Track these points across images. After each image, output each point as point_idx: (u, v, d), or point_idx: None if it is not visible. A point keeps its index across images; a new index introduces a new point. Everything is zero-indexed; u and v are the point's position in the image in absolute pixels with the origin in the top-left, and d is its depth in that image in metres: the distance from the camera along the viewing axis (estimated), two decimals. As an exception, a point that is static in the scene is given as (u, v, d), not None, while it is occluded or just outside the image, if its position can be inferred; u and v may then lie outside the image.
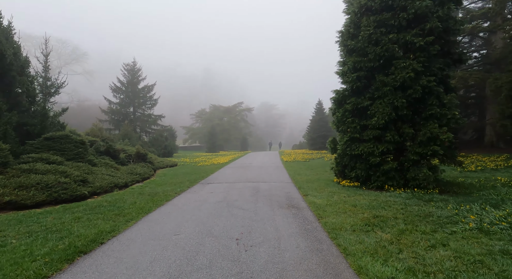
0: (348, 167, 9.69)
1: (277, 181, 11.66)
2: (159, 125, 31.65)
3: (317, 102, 32.34)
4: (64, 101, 60.36)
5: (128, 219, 5.98)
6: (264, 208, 7.02)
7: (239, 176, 13.13)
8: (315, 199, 7.88)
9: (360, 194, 8.40)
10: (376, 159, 8.64)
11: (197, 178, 12.54)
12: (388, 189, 8.66)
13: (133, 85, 30.39)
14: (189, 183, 11.26)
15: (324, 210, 6.70)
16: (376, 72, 9.07)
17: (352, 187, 9.39)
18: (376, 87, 8.83)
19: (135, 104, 30.54)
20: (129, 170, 12.54)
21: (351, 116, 9.32)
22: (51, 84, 17.34)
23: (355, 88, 9.24)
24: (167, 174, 14.31)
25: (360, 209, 6.72)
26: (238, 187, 10.12)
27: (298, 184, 10.51)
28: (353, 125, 9.18)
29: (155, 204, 7.45)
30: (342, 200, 7.64)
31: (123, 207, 7.04)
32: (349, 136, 9.18)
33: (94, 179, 9.36)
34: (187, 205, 7.41)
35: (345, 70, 9.48)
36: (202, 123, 58.38)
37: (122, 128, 25.41)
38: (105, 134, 23.69)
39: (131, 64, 30.83)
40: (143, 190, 9.78)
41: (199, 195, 8.86)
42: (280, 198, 8.26)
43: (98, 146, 15.03)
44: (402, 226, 5.36)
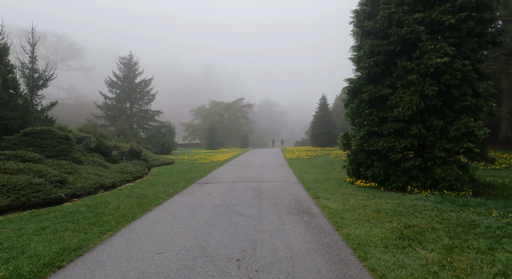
0: (364, 165, 8.56)
1: (281, 180, 10.54)
2: (157, 121, 30.52)
3: (321, 98, 31.14)
4: (61, 97, 59.34)
5: (104, 230, 4.87)
6: (270, 214, 5.91)
7: (240, 175, 12.02)
8: (328, 203, 6.77)
9: (379, 196, 7.27)
10: (397, 155, 7.52)
11: (194, 177, 11.43)
12: (411, 191, 7.53)
13: (130, 80, 29.20)
14: (184, 183, 10.15)
15: (343, 217, 5.58)
16: (397, 57, 7.91)
17: (369, 187, 8.27)
18: (399, 75, 7.68)
19: (132, 100, 29.38)
20: (120, 169, 11.44)
21: (368, 107, 8.18)
22: (38, 76, 16.20)
23: (372, 75, 8.09)
24: (162, 173, 13.21)
25: (385, 215, 5.61)
26: (239, 188, 9.02)
27: (306, 184, 9.39)
28: (370, 117, 8.04)
29: (141, 209, 6.34)
30: (361, 204, 6.52)
31: (103, 213, 5.93)
32: (366, 130, 8.04)
33: (76, 179, 8.26)
34: (179, 210, 6.30)
35: (360, 55, 8.32)
36: (202, 120, 57.19)
37: (118, 124, 24.29)
38: (99, 131, 22.56)
39: (127, 58, 29.60)
40: (132, 191, 8.67)
41: (195, 197, 7.75)
42: (287, 201, 7.15)
43: (88, 142, 13.92)
44: (446, 240, 4.24)
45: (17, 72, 13.27)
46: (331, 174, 12.02)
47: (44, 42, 56.00)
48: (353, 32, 9.32)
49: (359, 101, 8.31)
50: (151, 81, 30.17)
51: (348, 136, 9.27)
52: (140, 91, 29.78)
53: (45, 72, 16.34)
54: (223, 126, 54.38)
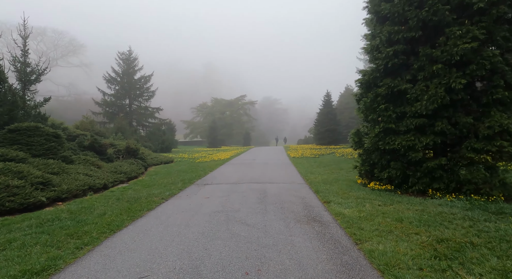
0: (378, 165, 7.78)
1: (287, 181, 9.78)
2: (157, 118, 29.77)
3: (325, 95, 30.26)
4: (61, 94, 58.81)
5: (82, 244, 4.12)
6: (276, 223, 5.15)
7: (241, 175, 11.26)
8: (341, 209, 6.01)
9: (398, 201, 6.50)
10: (417, 154, 6.73)
11: (193, 178, 10.68)
12: (433, 194, 6.74)
13: (129, 76, 28.45)
14: (182, 184, 9.40)
15: (360, 228, 4.82)
16: (418, 45, 7.11)
17: (384, 190, 7.49)
18: (420, 66, 6.87)
19: (131, 96, 28.64)
20: (114, 168, 10.71)
21: (384, 102, 7.38)
22: (31, 70, 15.45)
23: (389, 67, 7.28)
24: (159, 172, 12.47)
25: (409, 225, 4.84)
26: (241, 190, 8.27)
27: (313, 186, 8.63)
28: (387, 113, 7.24)
29: (130, 216, 5.60)
30: (378, 211, 5.75)
31: (85, 221, 5.19)
32: (382, 127, 7.25)
33: (62, 181, 7.53)
34: (173, 218, 5.56)
35: (375, 44, 7.52)
36: (203, 117, 56.41)
37: (116, 121, 23.59)
38: (97, 128, 21.89)
39: (127, 53, 28.82)
40: (124, 193, 7.94)
41: (192, 201, 7.00)
42: (294, 206, 6.39)
43: (81, 140, 13.21)
44: (493, 261, 3.47)
45: (5, 64, 12.52)
46: (340, 174, 11.24)
47: (44, 39, 55.48)
48: (365, 21, 8.52)
49: (374, 95, 7.51)
50: (151, 77, 29.43)
51: (360, 134, 8.48)
52: (140, 87, 29.03)
53: (38, 66, 15.57)
54: (225, 124, 53.60)
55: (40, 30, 54.56)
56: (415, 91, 6.89)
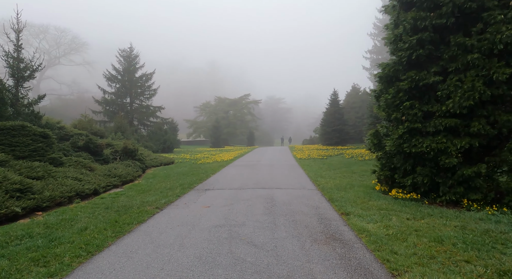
0: (400, 170, 6.87)
1: (296, 186, 8.89)
2: (158, 117, 28.99)
3: (332, 93, 29.23)
4: (64, 93, 58.33)
5: (46, 274, 3.28)
6: (289, 243, 4.28)
7: (246, 179, 10.39)
8: (364, 223, 5.11)
9: (429, 213, 5.58)
10: (451, 159, 5.81)
11: (193, 181, 9.83)
12: (470, 205, 5.81)
13: (130, 74, 27.68)
14: (181, 189, 8.56)
15: (393, 251, 3.93)
16: (448, 33, 6.17)
17: (409, 200, 6.56)
18: (452, 56, 5.95)
19: (132, 95, 27.88)
20: (108, 171, 9.89)
21: (408, 98, 6.46)
22: (24, 66, 14.67)
23: (414, 58, 6.36)
24: (158, 175, 11.64)
25: (453, 248, 3.94)
26: (245, 197, 7.39)
27: (326, 193, 7.73)
28: (412, 111, 6.32)
29: (116, 232, 4.75)
30: (409, 227, 4.85)
31: (60, 240, 4.35)
32: (407, 127, 6.33)
33: (45, 186, 6.71)
34: (166, 234, 4.70)
35: (398, 33, 6.59)
36: (206, 116, 55.59)
37: (115, 120, 22.83)
38: (95, 127, 21.12)
39: (128, 51, 28.04)
40: (115, 201, 7.10)
41: (190, 211, 6.15)
42: (308, 218, 5.51)
43: (75, 140, 12.42)
44: None
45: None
46: (353, 178, 10.32)
47: (46, 36, 54.95)
48: (385, 8, 7.59)
49: (396, 91, 6.60)
50: (152, 75, 28.63)
51: (379, 135, 7.56)
52: (141, 85, 28.26)
53: (32, 62, 14.77)
54: (228, 123, 52.75)
55: (42, 28, 54.15)
56: (447, 86, 5.96)
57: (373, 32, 50.69)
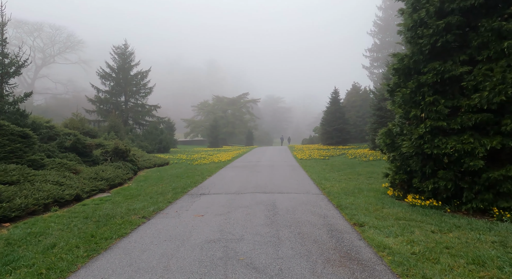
0: (418, 173, 6.12)
1: (299, 190, 8.13)
2: (154, 116, 28.15)
3: (333, 92, 28.44)
4: (59, 92, 57.35)
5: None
6: (296, 264, 3.53)
7: (245, 182, 9.63)
8: (382, 237, 4.37)
9: (456, 225, 4.83)
10: (477, 162, 5.07)
11: (187, 185, 9.06)
12: (501, 215, 5.07)
13: (125, 72, 26.81)
14: (173, 194, 7.79)
15: (426, 277, 3.18)
16: (476, 17, 5.43)
17: (429, 207, 5.81)
18: (482, 42, 5.20)
19: (127, 93, 27.02)
20: (95, 173, 9.11)
21: (432, 93, 5.70)
22: (9, 62, 13.82)
23: (439, 46, 5.61)
24: (150, 178, 10.85)
25: (501, 274, 3.20)
26: (244, 204, 6.63)
27: (334, 198, 6.98)
28: (435, 107, 5.58)
29: (90, 249, 3.98)
30: (438, 242, 4.10)
31: (18, 262, 3.57)
32: (430, 125, 5.58)
33: (18, 192, 5.92)
34: (149, 253, 3.93)
35: (418, 18, 5.83)
36: (204, 115, 54.71)
37: (109, 119, 22.00)
38: (88, 126, 20.31)
39: (122, 47, 27.16)
40: (98, 208, 6.32)
41: (181, 221, 5.38)
42: (316, 230, 4.76)
43: (62, 140, 11.62)
44: None
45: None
46: (359, 181, 9.58)
47: (40, 34, 53.89)
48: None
49: (416, 85, 5.84)
50: (148, 73, 27.79)
51: (391, 134, 6.80)
52: (136, 84, 27.41)
53: (18, 57, 13.93)
54: (227, 123, 51.92)
55: (36, 25, 53.07)
56: (473, 77, 5.22)
57: (373, 30, 50.00)
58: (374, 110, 19.00)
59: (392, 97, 6.69)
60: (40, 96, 56.87)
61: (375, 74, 50.20)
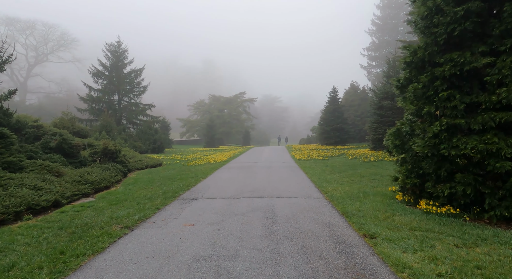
0: (432, 177, 5.54)
1: (300, 194, 7.54)
2: (149, 116, 27.41)
3: (331, 91, 27.86)
4: (52, 91, 56.32)
5: None
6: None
7: (241, 184, 9.01)
8: (399, 252, 3.78)
9: (481, 237, 4.25)
10: (503, 163, 4.50)
11: (180, 188, 8.44)
12: (530, 225, 4.50)
13: (118, 70, 26.06)
14: (163, 198, 7.16)
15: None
16: (496, 3, 4.86)
17: (446, 215, 5.23)
18: (504, 30, 4.63)
19: (121, 92, 26.27)
20: (79, 176, 8.45)
21: (447, 87, 5.13)
22: (-9, 58, 13.07)
23: (456, 35, 5.03)
24: (140, 180, 10.20)
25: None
26: (240, 210, 6.02)
27: (338, 204, 6.39)
28: (451, 103, 5.01)
29: (55, 271, 3.35)
30: (465, 260, 3.51)
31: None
32: (446, 123, 5.00)
33: (-15, 199, 5.25)
34: (127, 274, 3.31)
35: (434, 5, 5.24)
36: (200, 115, 53.96)
37: (101, 118, 21.28)
38: (79, 126, 19.59)
39: (115, 45, 26.38)
40: (77, 216, 5.68)
41: (168, 232, 4.75)
42: (321, 244, 4.16)
43: (47, 140, 10.94)
44: None
45: None
46: (363, 183, 9.00)
47: (33, 32, 52.79)
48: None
49: (430, 79, 5.27)
50: (142, 71, 27.04)
51: (401, 134, 6.22)
52: (130, 82, 26.66)
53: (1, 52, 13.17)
54: (223, 122, 51.25)
55: (29, 23, 51.97)
56: (497, 70, 4.65)
57: (371, 29, 49.59)
58: (375, 109, 18.46)
59: (402, 93, 6.11)
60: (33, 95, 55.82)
61: (373, 73, 49.79)
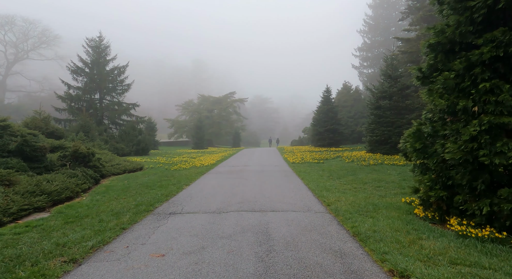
0: (464, 190, 4.45)
1: (298, 207, 6.37)
2: (133, 116, 25.84)
3: (324, 90, 26.83)
4: (33, 90, 53.88)
5: None
6: None
7: (229, 193, 7.80)
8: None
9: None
10: None
11: (157, 199, 7.17)
12: None
13: (99, 66, 24.41)
14: (133, 213, 5.89)
15: None
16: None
17: (488, 241, 4.12)
18: None
19: (103, 90, 24.66)
20: (36, 185, 7.08)
21: (488, 76, 4.04)
22: None
23: (498, 9, 3.94)
24: (113, 188, 8.86)
25: None
26: (226, 231, 4.81)
27: (346, 221, 5.26)
28: (494, 97, 3.93)
29: None
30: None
31: None
32: (486, 122, 3.91)
33: None
34: None
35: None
36: (189, 115, 52.35)
37: (78, 118, 19.72)
38: (53, 126, 18.02)
39: (97, 40, 24.72)
40: (11, 243, 4.36)
41: (126, 269, 3.50)
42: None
43: (6, 142, 9.49)
44: None
45: None
46: (368, 192, 7.91)
47: (12, 28, 50.27)
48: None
49: (466, 66, 4.17)
50: (126, 68, 25.46)
51: (422, 136, 5.12)
52: (113, 80, 25.06)
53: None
54: (213, 123, 49.82)
55: (8, 18, 49.33)
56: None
57: (363, 29, 49.04)
58: (372, 109, 17.50)
59: (424, 85, 5.02)
60: (13, 94, 53.23)
61: (365, 74, 49.24)
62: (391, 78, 17.00)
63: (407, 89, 17.08)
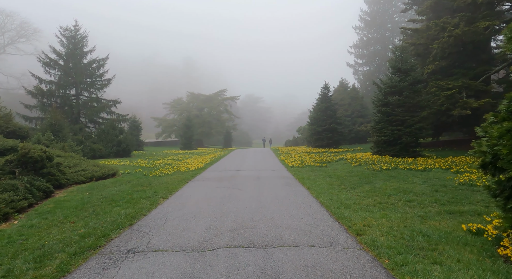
0: None
1: (316, 238, 4.44)
2: (114, 113, 23.55)
3: (323, 87, 24.98)
4: (11, 87, 50.67)
5: None
6: None
7: (217, 213, 5.82)
8: None
9: None
10: None
11: (116, 224, 5.15)
12: None
13: (75, 59, 22.04)
14: (68, 256, 3.88)
15: None
16: None
17: None
18: None
19: (79, 85, 22.31)
20: None
21: None
22: None
23: None
24: (65, 205, 6.76)
25: None
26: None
27: (397, 268, 3.36)
28: None
29: None
30: None
31: None
32: None
33: None
34: None
35: None
36: (178, 114, 49.95)
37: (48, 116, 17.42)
38: (16, 124, 15.70)
39: (72, 30, 22.36)
40: None
41: None
42: None
43: None
44: None
45: None
46: (401, 210, 6.02)
47: (-13, 21, 47.10)
48: None
49: None
50: (105, 61, 23.13)
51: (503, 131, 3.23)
52: (91, 74, 22.73)
53: None
54: (203, 122, 47.56)
55: (-18, 11, 46.25)
56: None
57: (359, 25, 47.52)
58: (379, 106, 15.71)
59: None
60: None
61: (360, 72, 47.75)
62: (401, 71, 15.24)
63: (418, 84, 15.36)
